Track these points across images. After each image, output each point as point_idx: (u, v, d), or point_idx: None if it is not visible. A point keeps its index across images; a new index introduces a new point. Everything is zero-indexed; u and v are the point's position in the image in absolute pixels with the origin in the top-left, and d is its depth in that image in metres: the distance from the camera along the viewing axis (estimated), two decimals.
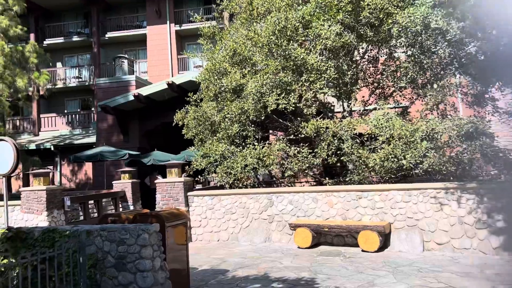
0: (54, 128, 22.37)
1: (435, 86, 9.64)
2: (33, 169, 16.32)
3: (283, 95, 10.10)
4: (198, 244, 9.74)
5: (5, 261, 5.51)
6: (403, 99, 11.71)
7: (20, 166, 19.05)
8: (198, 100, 11.59)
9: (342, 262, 7.38)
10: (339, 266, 7.09)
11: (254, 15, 11.50)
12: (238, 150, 10.58)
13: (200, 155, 10.88)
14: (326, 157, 9.91)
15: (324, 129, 9.98)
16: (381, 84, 11.55)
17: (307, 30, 10.27)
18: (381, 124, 9.47)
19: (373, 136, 9.82)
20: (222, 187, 11.20)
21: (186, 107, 11.68)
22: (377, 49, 11.59)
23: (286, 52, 9.98)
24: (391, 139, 9.13)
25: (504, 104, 11.72)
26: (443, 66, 10.74)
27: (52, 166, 20.84)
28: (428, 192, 8.08)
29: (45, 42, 22.73)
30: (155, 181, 10.56)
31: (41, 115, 22.59)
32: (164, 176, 11.32)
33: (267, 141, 10.76)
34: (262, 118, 10.53)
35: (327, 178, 10.89)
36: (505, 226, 7.30)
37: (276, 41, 10.04)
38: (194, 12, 12.30)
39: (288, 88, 10.18)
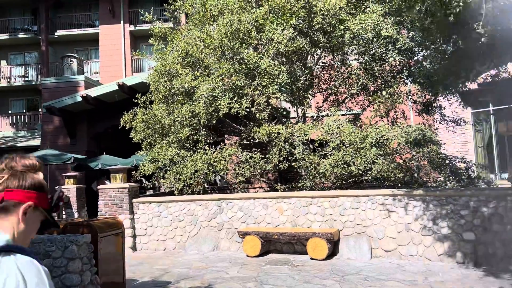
0: None
1: (384, 93, 9.72)
2: None
3: (235, 99, 9.85)
4: (143, 254, 9.27)
5: None
6: (356, 106, 11.79)
7: None
8: (147, 102, 11.14)
9: (289, 271, 7.19)
10: (286, 275, 6.89)
11: (207, 17, 11.21)
12: (189, 155, 10.22)
13: (148, 159, 10.43)
14: (277, 162, 9.75)
15: (276, 134, 9.82)
16: (334, 91, 11.57)
17: (261, 34, 10.11)
18: (332, 130, 9.43)
19: (324, 142, 9.77)
20: (172, 193, 10.79)
21: (134, 109, 11.19)
22: (331, 56, 11.62)
23: (239, 55, 9.77)
24: (341, 145, 9.10)
25: (451, 112, 12.07)
26: (394, 74, 10.90)
27: None
28: (376, 199, 8.07)
29: None
30: (98, 187, 10.00)
31: None
32: None
33: (219, 146, 10.46)
34: (214, 122, 10.24)
35: (279, 184, 10.74)
36: (450, 233, 7.38)
37: (229, 43, 9.80)
38: (145, 12, 11.80)
39: (240, 92, 9.95)
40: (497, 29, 4.69)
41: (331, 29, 10.06)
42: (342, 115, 11.19)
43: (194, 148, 10.43)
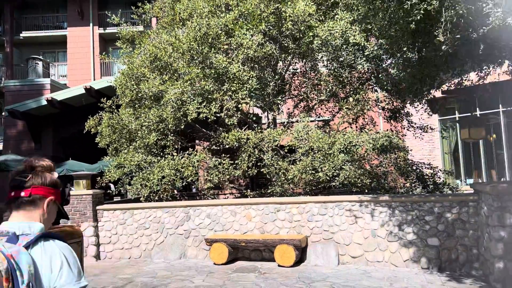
0: None
1: (351, 99, 9.79)
2: None
3: (204, 104, 9.72)
4: (106, 263, 8.97)
5: None
6: (325, 112, 11.85)
7: None
8: (113, 107, 10.85)
9: (256, 279, 7.08)
10: (252, 283, 6.77)
11: (176, 20, 11.07)
12: (156, 160, 10.00)
13: (114, 165, 10.14)
14: (246, 168, 9.66)
15: (245, 140, 9.73)
16: (304, 97, 11.60)
17: (230, 39, 10.03)
18: (301, 136, 9.42)
19: (294, 148, 9.74)
20: (138, 200, 10.52)
21: (100, 114, 10.88)
22: (301, 62, 11.65)
23: (208, 60, 9.66)
24: (310, 151, 9.09)
25: (418, 119, 12.30)
26: (362, 81, 11.02)
27: None
28: (343, 205, 8.08)
29: None
30: None
31: None
32: None
33: (187, 152, 10.28)
34: (182, 127, 10.06)
35: (248, 190, 10.65)
36: (415, 239, 7.45)
37: (198, 48, 9.68)
38: (114, 14, 11.54)
39: (209, 96, 9.82)
40: (456, 37, 4.75)
41: (301, 35, 10.09)
42: (312, 121, 11.23)
43: (161, 153, 10.23)
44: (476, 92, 11.81)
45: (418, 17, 4.67)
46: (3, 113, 20.62)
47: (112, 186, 13.65)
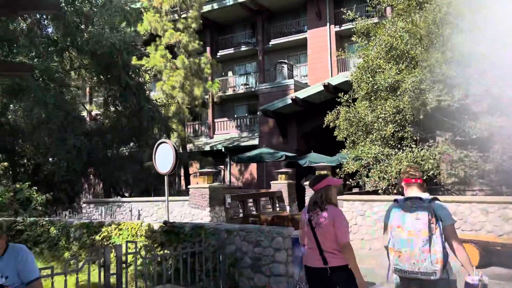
0: (225, 132, 24.63)
1: None
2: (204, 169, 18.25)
3: (445, 91, 8.92)
4: None
5: (161, 252, 6.17)
6: None
7: (197, 165, 21.57)
8: (350, 101, 11.15)
9: None
10: None
11: (413, 5, 10.48)
12: (393, 152, 9.77)
13: (352, 157, 10.43)
14: (500, 162, 8.37)
15: (497, 129, 8.44)
16: None
17: (476, 15, 8.84)
18: None
19: None
20: (376, 192, 10.53)
21: (337, 108, 11.37)
22: None
23: (449, 42, 8.79)
24: None
25: None
26: None
27: (223, 166, 22.98)
28: None
29: (218, 54, 25.21)
30: (304, 183, 10.55)
31: (215, 120, 25.12)
32: None
33: (427, 143, 9.64)
34: (421, 117, 9.50)
35: (504, 187, 9.21)
36: None
37: (437, 30, 8.93)
38: (348, 10, 11.85)
39: (452, 82, 8.94)
40: None
41: None
42: None
43: (399, 145, 9.92)
44: None
45: None
46: (258, 113, 24.09)
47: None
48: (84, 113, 21.63)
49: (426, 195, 3.10)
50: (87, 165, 15.39)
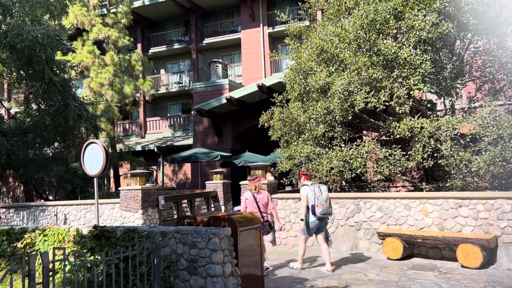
0: (158, 131, 24.03)
1: None
2: (136, 169, 17.64)
3: (372, 93, 9.44)
4: (282, 248, 9.53)
5: (91, 258, 5.86)
6: None
7: (128, 166, 20.82)
8: (283, 101, 11.40)
9: (436, 278, 6.57)
10: (432, 283, 6.31)
11: (342, 10, 10.96)
12: (324, 152, 10.15)
13: (285, 157, 10.67)
14: (421, 160, 9.01)
15: (418, 129, 9.09)
16: (489, 78, 10.19)
17: (399, 22, 9.46)
18: (487, 123, 8.32)
19: (477, 136, 8.68)
20: None
21: (272, 109, 11.57)
22: (484, 39, 10.26)
23: (375, 47, 9.31)
24: (499, 139, 7.96)
25: None
26: None
27: (155, 166, 22.39)
28: None
29: (150, 51, 24.52)
30: (240, 183, 10.60)
31: (147, 119, 24.42)
32: None
33: (355, 143, 10.13)
34: (350, 118, 9.96)
35: (423, 184, 9.93)
36: None
37: (364, 35, 9.41)
38: (280, 12, 12.10)
39: (378, 85, 9.48)
40: None
41: (484, 8, 8.87)
42: (500, 105, 9.81)
43: (329, 145, 10.32)
44: None
45: None
46: (192, 112, 23.81)
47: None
48: (2, 111, 19.99)
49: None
50: (5, 166, 14.21)
